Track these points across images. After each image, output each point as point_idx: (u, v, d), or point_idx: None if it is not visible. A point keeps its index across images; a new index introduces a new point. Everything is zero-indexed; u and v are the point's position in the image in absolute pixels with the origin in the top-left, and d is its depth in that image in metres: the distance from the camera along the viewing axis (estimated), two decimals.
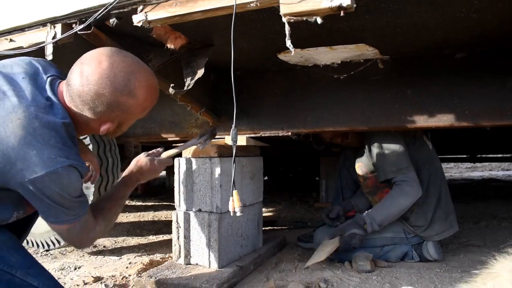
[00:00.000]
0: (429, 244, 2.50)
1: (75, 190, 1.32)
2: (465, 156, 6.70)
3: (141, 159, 1.79)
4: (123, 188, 1.71)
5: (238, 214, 1.44)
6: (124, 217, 4.34)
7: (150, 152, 1.86)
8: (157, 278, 2.09)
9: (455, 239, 3.07)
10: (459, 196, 5.32)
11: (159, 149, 1.90)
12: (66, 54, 1.79)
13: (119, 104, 1.35)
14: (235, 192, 1.45)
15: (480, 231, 3.42)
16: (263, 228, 2.81)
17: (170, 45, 1.79)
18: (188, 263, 2.30)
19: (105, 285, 2.18)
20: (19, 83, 1.34)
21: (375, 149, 2.49)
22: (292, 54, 1.73)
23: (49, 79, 1.39)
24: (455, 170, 11.03)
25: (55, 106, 1.32)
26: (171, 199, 2.43)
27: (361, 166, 2.72)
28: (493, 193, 5.99)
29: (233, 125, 1.41)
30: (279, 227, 3.68)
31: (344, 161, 3.07)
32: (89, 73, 1.30)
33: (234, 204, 1.44)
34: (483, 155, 6.83)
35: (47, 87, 1.36)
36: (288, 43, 1.20)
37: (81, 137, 1.98)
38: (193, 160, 2.30)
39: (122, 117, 1.41)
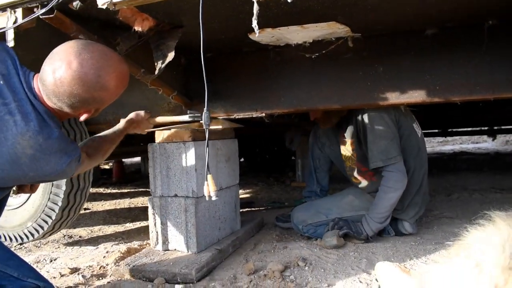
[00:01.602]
0: (405, 223, 2.55)
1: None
2: (436, 131, 6.82)
3: (133, 113, 2.00)
4: (112, 134, 1.87)
5: (213, 198, 1.43)
6: (99, 206, 4.28)
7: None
8: (135, 266, 2.07)
9: (428, 212, 3.15)
10: (431, 170, 5.43)
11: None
12: (32, 38, 1.74)
13: (94, 98, 1.45)
14: (209, 176, 1.43)
15: (452, 203, 3.51)
16: (241, 210, 2.81)
17: (137, 28, 1.73)
18: (166, 249, 2.28)
19: (83, 276, 2.15)
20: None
21: (369, 135, 2.42)
22: (259, 35, 1.69)
23: (24, 80, 1.46)
24: (427, 145, 11.24)
25: (46, 119, 1.44)
26: (147, 185, 2.40)
27: (345, 140, 2.67)
28: (464, 166, 6.15)
29: (205, 108, 1.38)
30: (256, 208, 3.69)
31: (316, 141, 3.04)
32: (61, 75, 1.38)
33: (209, 188, 1.42)
34: (454, 129, 6.97)
35: (27, 90, 1.45)
36: (254, 23, 1.17)
37: None
38: (167, 145, 2.27)
39: (98, 106, 1.52)
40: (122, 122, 1.95)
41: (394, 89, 2.18)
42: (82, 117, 1.52)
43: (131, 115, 2.00)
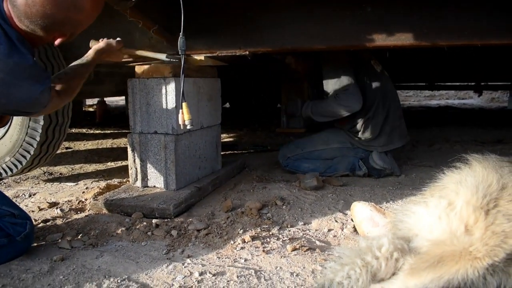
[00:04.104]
0: (374, 154, 2.73)
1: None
2: (423, 84, 6.80)
3: (102, 41, 1.87)
4: (80, 68, 1.76)
5: (188, 127, 1.41)
6: (81, 145, 4.24)
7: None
8: (113, 201, 2.07)
9: (409, 160, 3.19)
10: (416, 122, 5.47)
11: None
12: None
13: (69, 19, 1.40)
14: (184, 104, 1.39)
15: (433, 153, 3.55)
16: (223, 153, 2.80)
17: None
18: (145, 185, 2.28)
19: (61, 209, 2.14)
20: None
21: (326, 86, 2.74)
22: None
23: None
24: (413, 99, 11.28)
25: (16, 43, 1.37)
26: None
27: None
28: (448, 120, 6.19)
29: (181, 33, 1.33)
30: (239, 151, 3.70)
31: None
32: None
33: (184, 116, 1.39)
34: (441, 83, 6.96)
35: None
36: None
37: None
38: (147, 80, 2.21)
39: (73, 29, 1.48)
40: (91, 52, 1.83)
41: (382, 30, 2.12)
42: (57, 41, 1.47)
43: (101, 44, 1.86)
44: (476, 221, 1.22)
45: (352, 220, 1.90)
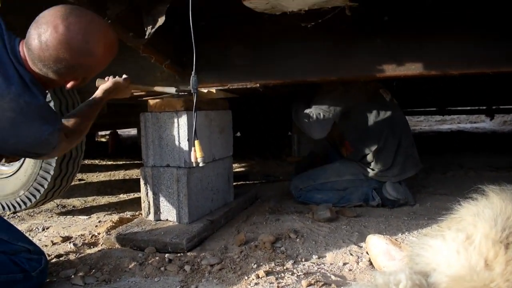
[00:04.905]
0: (388, 185, 2.70)
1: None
2: (434, 109, 6.77)
3: (109, 80, 1.87)
4: (88, 110, 1.76)
5: (200, 164, 1.41)
6: (94, 177, 4.26)
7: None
8: (126, 235, 2.06)
9: (423, 188, 3.15)
10: (428, 148, 5.43)
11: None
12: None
13: (81, 65, 1.42)
14: (196, 142, 1.40)
15: (447, 180, 3.51)
16: (235, 183, 2.80)
17: None
18: (158, 219, 2.27)
19: (74, 244, 2.14)
20: None
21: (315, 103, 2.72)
22: (253, 1, 1.64)
23: (8, 44, 1.42)
24: (424, 124, 11.24)
25: (29, 84, 1.39)
26: None
27: None
28: (460, 145, 6.13)
29: (193, 72, 1.35)
30: (251, 182, 3.68)
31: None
32: (47, 39, 1.35)
33: (196, 154, 1.40)
34: (452, 108, 6.92)
35: (11, 55, 1.40)
36: None
37: None
38: (160, 114, 2.23)
39: (85, 74, 1.49)
40: (99, 92, 1.83)
41: (391, 61, 2.14)
42: (69, 85, 1.49)
43: (108, 83, 1.85)
44: (496, 255, 1.19)
45: (367, 253, 1.87)
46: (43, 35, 1.35)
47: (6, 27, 1.48)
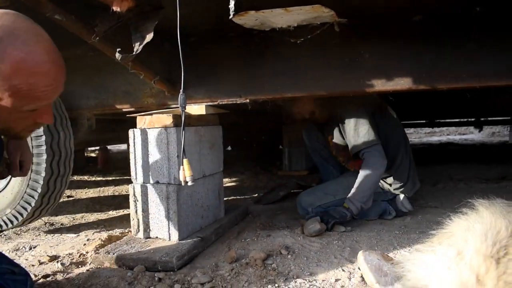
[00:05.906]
0: (403, 198, 2.73)
1: None
2: (424, 121, 6.84)
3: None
4: None
5: (189, 183, 1.40)
6: (83, 193, 4.21)
7: None
8: (115, 254, 2.03)
9: (414, 201, 3.14)
10: (418, 160, 5.44)
11: None
12: None
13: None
14: (185, 160, 1.39)
15: (437, 193, 3.52)
16: (226, 198, 2.78)
17: (116, 8, 1.67)
18: (147, 236, 2.24)
19: (62, 263, 2.10)
20: None
21: (347, 127, 2.62)
22: (243, 18, 1.64)
23: None
24: (414, 136, 11.33)
25: None
26: None
27: (333, 139, 2.87)
28: (450, 157, 6.18)
29: (181, 90, 1.34)
30: (242, 197, 3.66)
31: (310, 137, 3.19)
32: None
33: (185, 173, 1.38)
34: (441, 120, 6.99)
35: None
36: (231, 4, 1.12)
37: None
38: (148, 130, 2.21)
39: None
40: None
41: (381, 76, 2.16)
42: None
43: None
44: (487, 270, 1.19)
45: (359, 268, 1.85)
46: None
47: None
